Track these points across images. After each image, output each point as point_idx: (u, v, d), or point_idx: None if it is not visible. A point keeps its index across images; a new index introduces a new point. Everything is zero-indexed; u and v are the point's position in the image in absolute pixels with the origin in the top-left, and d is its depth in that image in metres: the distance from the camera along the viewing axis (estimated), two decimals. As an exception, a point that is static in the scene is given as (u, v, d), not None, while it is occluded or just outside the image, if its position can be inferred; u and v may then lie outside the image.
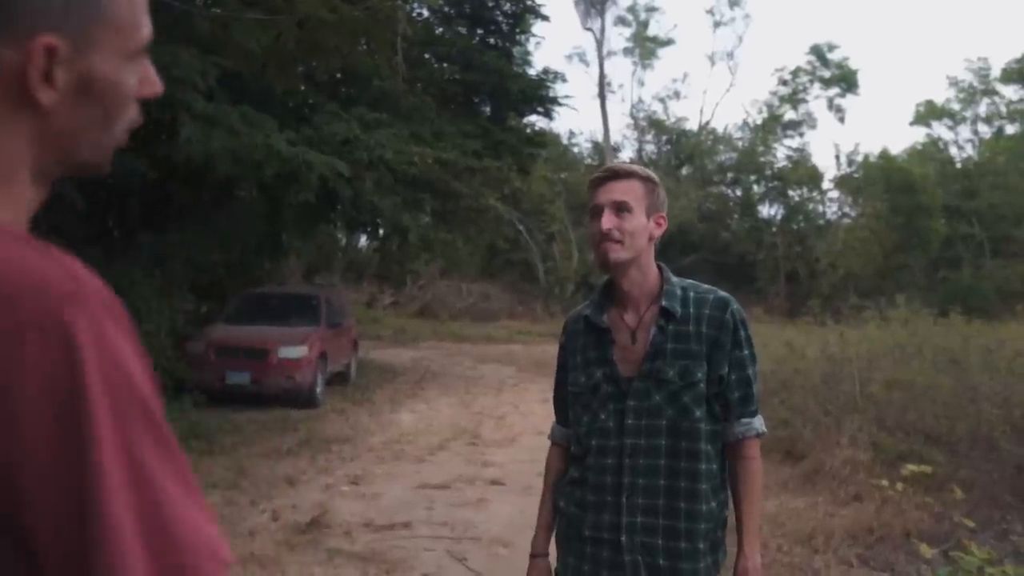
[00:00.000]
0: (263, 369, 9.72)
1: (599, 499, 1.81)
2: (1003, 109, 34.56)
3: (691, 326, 1.81)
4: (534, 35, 18.62)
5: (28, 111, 0.60)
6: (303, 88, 11.28)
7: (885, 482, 5.30)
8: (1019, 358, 7.36)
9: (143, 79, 0.66)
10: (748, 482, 1.86)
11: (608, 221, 1.80)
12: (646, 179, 1.86)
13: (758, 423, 1.86)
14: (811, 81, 35.01)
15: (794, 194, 34.41)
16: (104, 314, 0.56)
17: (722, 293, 1.88)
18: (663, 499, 1.76)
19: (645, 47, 37.17)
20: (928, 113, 35.81)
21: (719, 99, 78.25)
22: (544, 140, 19.73)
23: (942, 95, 42.63)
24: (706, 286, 1.90)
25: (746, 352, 1.83)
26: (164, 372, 9.32)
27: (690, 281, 1.91)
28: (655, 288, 1.86)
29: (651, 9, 38.19)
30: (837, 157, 37.78)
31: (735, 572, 1.83)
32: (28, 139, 0.60)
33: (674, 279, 1.88)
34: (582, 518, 1.84)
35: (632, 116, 38.61)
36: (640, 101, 46.13)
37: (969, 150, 35.55)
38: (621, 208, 1.81)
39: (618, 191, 1.82)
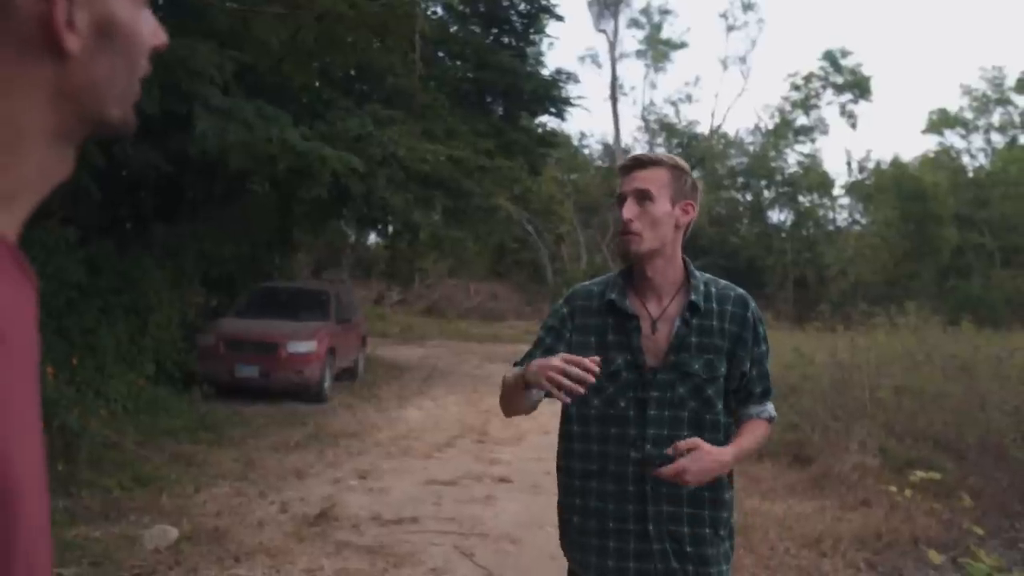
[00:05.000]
0: (272, 363, 9.76)
1: (621, 489, 1.80)
2: (1017, 119, 34.40)
3: (715, 321, 1.83)
4: (548, 35, 18.64)
5: (49, 62, 0.54)
6: (318, 84, 11.31)
7: (894, 488, 5.29)
8: (1030, 367, 7.33)
9: (153, 29, 0.61)
10: (757, 425, 1.87)
11: (629, 210, 1.80)
12: (673, 166, 1.84)
13: (771, 407, 1.92)
14: (824, 87, 34.99)
15: (804, 200, 34.40)
16: None
17: (740, 290, 1.91)
18: (687, 488, 1.76)
19: (658, 50, 37.16)
20: (941, 121, 35.66)
21: (731, 103, 78.40)
22: (555, 141, 19.74)
23: (955, 103, 42.53)
24: (724, 281, 1.92)
25: (764, 348, 1.88)
26: (174, 364, 9.38)
27: (708, 275, 1.92)
28: (679, 279, 1.86)
29: (664, 12, 38.54)
30: (848, 164, 37.87)
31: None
32: (48, 95, 0.54)
33: (696, 273, 1.89)
34: (605, 510, 1.82)
35: (643, 119, 38.69)
36: (652, 104, 46.11)
37: (982, 159, 35.41)
38: (643, 197, 1.80)
39: (641, 179, 1.82)
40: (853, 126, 36.98)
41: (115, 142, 7.21)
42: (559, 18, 17.33)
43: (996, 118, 34.95)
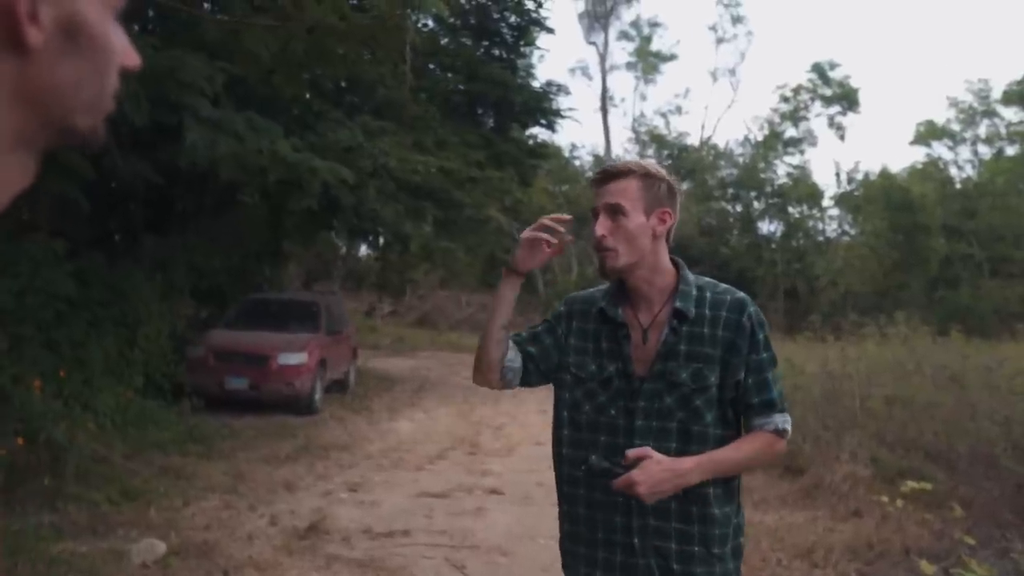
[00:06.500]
0: (262, 375, 9.70)
1: (609, 499, 1.74)
2: (1003, 130, 34.63)
3: (706, 328, 1.75)
4: (538, 47, 18.70)
5: (10, 57, 0.50)
6: (308, 95, 11.33)
7: (885, 498, 5.30)
8: (1019, 377, 7.35)
9: (124, 47, 0.58)
10: (752, 438, 1.77)
11: (600, 227, 1.73)
12: (643, 175, 1.76)
13: (778, 419, 1.79)
14: (812, 99, 35.22)
15: (794, 211, 34.56)
16: None
17: (740, 294, 1.80)
18: (674, 503, 1.71)
19: (647, 62, 37.42)
20: (928, 133, 35.91)
21: (720, 115, 78.69)
22: (546, 152, 19.81)
23: (942, 115, 42.80)
24: (724, 286, 1.83)
25: (764, 355, 1.76)
26: (163, 376, 9.32)
27: (708, 280, 1.83)
28: (670, 286, 1.79)
29: (654, 24, 38.66)
30: (837, 175, 38.01)
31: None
32: (8, 94, 0.50)
33: (691, 277, 1.81)
34: (594, 519, 1.78)
35: (634, 130, 38.90)
36: (642, 115, 46.19)
37: (969, 170, 35.62)
38: (615, 211, 1.73)
39: (611, 193, 1.74)
40: (841, 138, 37.19)
41: (102, 153, 7.19)
42: (549, 30, 17.43)
43: (983, 130, 35.24)
